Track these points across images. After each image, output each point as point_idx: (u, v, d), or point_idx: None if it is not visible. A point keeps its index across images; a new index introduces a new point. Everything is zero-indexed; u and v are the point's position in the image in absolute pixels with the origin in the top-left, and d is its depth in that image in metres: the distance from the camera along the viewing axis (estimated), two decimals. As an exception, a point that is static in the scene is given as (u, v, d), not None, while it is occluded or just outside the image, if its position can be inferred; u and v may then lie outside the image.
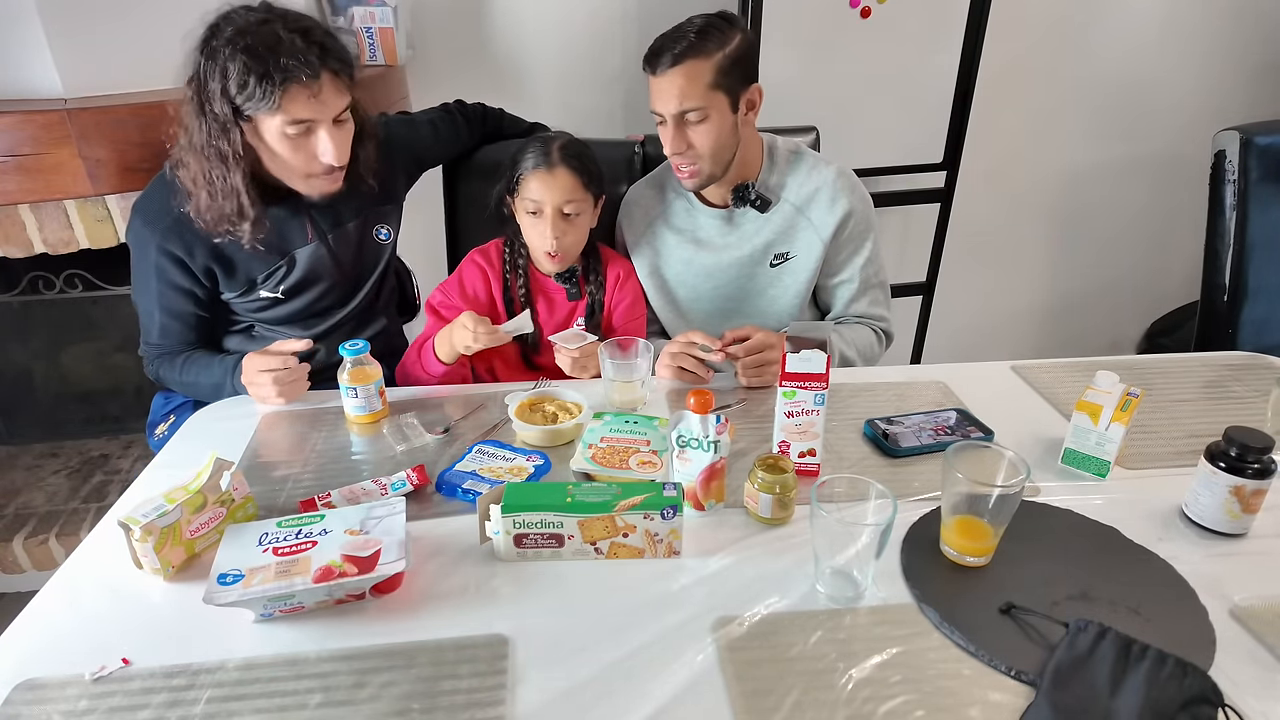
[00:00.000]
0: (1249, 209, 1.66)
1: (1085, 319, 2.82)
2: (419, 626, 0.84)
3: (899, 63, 2.04)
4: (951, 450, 0.90)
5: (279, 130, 1.17)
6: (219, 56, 1.13)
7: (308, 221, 1.34)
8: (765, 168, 1.44)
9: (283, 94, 1.13)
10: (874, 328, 1.50)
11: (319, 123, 1.19)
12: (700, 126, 1.30)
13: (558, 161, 1.33)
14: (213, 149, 1.18)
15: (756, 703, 0.74)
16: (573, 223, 1.36)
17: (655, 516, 0.91)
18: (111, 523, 0.98)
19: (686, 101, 1.28)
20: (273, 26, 1.14)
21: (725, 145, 1.34)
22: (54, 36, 1.62)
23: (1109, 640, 0.77)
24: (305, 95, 1.15)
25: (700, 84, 1.27)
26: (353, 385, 1.18)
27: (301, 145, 1.20)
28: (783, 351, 1.00)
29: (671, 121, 1.31)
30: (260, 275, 1.33)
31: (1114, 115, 2.46)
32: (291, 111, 1.16)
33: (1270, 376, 1.30)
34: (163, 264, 1.27)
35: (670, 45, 1.27)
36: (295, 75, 1.13)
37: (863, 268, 1.46)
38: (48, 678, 0.78)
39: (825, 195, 1.42)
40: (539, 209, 1.34)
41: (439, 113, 1.61)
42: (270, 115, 1.16)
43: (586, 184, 1.36)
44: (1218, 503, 0.94)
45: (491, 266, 1.46)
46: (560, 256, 1.37)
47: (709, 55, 1.27)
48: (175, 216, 1.25)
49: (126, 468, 2.15)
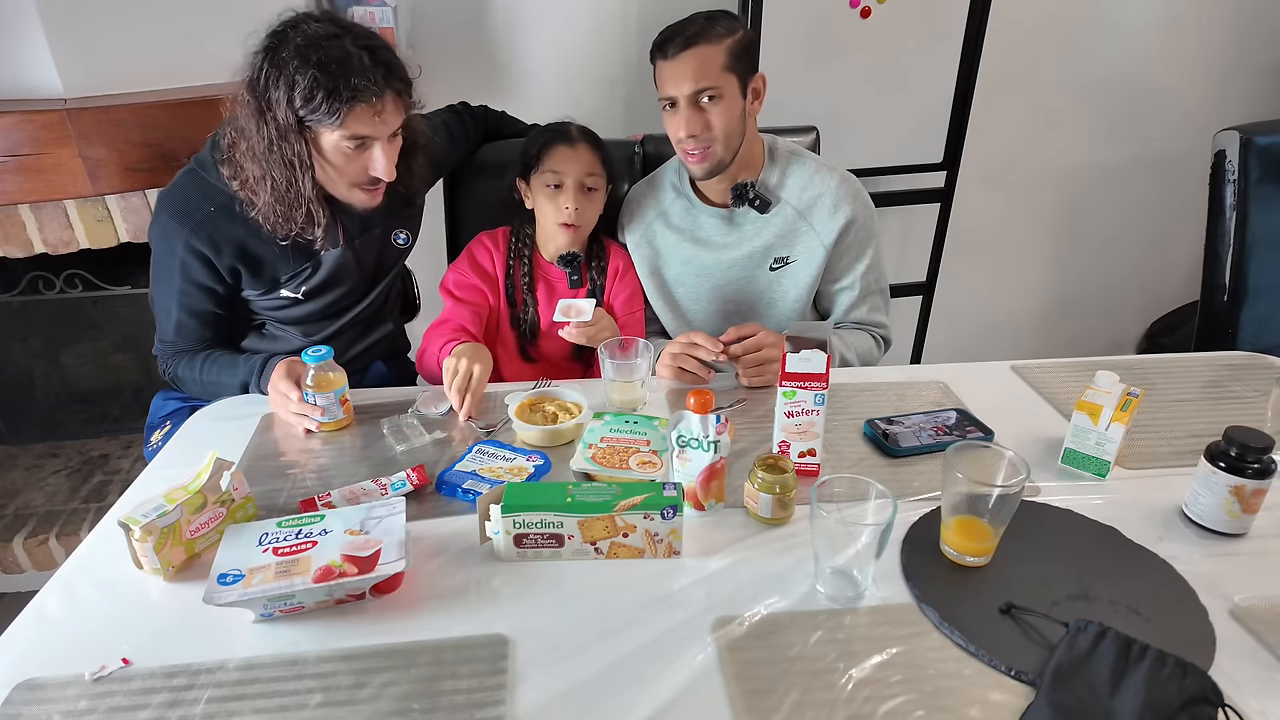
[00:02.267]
0: (1249, 209, 1.66)
1: (1085, 319, 2.82)
2: (419, 626, 0.84)
3: (899, 63, 2.04)
4: (951, 450, 0.90)
5: (336, 144, 1.19)
6: (287, 66, 1.13)
7: (338, 225, 1.34)
8: (766, 167, 1.44)
9: (348, 111, 1.15)
10: (873, 334, 1.50)
11: (375, 139, 1.21)
12: (715, 107, 1.32)
13: (578, 138, 1.41)
14: (278, 156, 1.18)
15: (756, 703, 0.74)
16: (590, 198, 1.41)
17: (655, 516, 0.91)
18: (111, 523, 0.98)
19: (703, 80, 1.29)
20: (342, 42, 1.14)
21: (735, 131, 1.35)
22: (54, 36, 1.62)
23: (1109, 640, 0.77)
24: (369, 114, 1.17)
25: (715, 64, 1.29)
26: (314, 392, 1.16)
27: (355, 158, 1.21)
28: (783, 351, 1.01)
29: (685, 102, 1.31)
30: (285, 276, 1.33)
31: (1114, 115, 2.46)
32: (353, 128, 1.17)
33: (1270, 376, 1.30)
34: (188, 261, 1.26)
35: (682, 29, 1.30)
36: (364, 95, 1.14)
37: (864, 274, 1.46)
38: (48, 678, 0.78)
39: (828, 201, 1.41)
40: (560, 180, 1.38)
41: (449, 115, 1.60)
42: (331, 130, 1.17)
43: (604, 161, 1.42)
44: (1218, 502, 0.94)
45: (497, 249, 1.49)
46: (576, 227, 1.41)
47: (720, 39, 1.29)
48: (205, 213, 1.25)
49: (126, 468, 2.15)
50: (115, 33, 1.67)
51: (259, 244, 1.28)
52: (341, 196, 1.27)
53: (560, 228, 1.40)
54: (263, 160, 1.18)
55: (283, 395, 1.18)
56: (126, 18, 1.67)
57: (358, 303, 1.44)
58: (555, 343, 1.50)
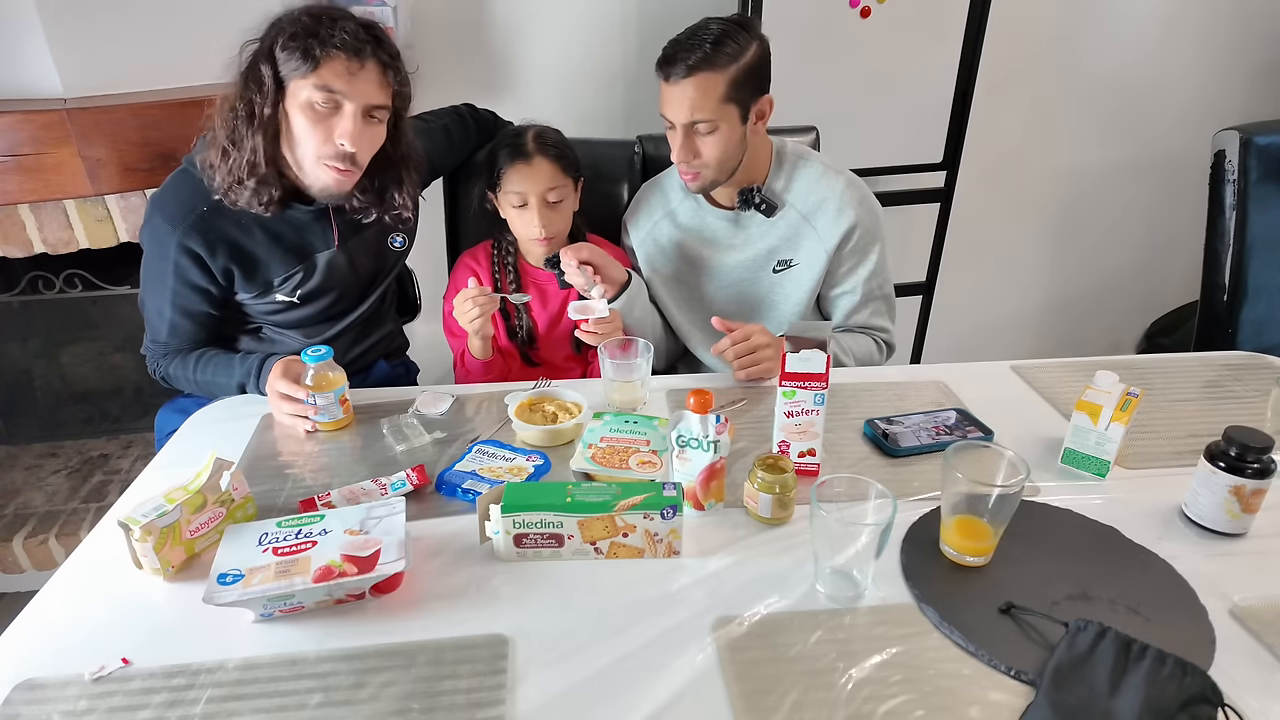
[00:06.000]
0: (1249, 209, 1.66)
1: (1085, 319, 2.82)
2: (419, 626, 0.84)
3: (899, 63, 2.04)
4: (951, 450, 0.90)
5: (307, 100, 1.16)
6: (276, 25, 1.16)
7: (331, 226, 1.33)
8: (772, 172, 1.44)
9: (324, 56, 1.14)
10: (875, 338, 1.49)
11: (348, 100, 1.17)
12: (709, 138, 1.31)
13: (534, 152, 1.37)
14: (243, 106, 1.18)
15: (756, 703, 0.74)
16: (558, 209, 1.40)
17: (655, 516, 0.91)
18: (111, 523, 0.98)
19: (698, 113, 1.28)
20: (334, 11, 1.17)
21: (731, 155, 1.34)
22: (54, 36, 1.62)
23: (1109, 640, 0.77)
24: (344, 68, 1.15)
25: (713, 97, 1.27)
26: (312, 391, 1.16)
27: (322, 121, 1.18)
28: (779, 345, 1.00)
29: (681, 130, 1.30)
30: (278, 279, 1.31)
31: (1114, 115, 2.46)
32: (325, 77, 1.15)
33: (1270, 376, 1.30)
34: (181, 261, 1.26)
35: (685, 54, 1.25)
36: (344, 47, 1.15)
37: (866, 280, 1.45)
38: (48, 678, 0.78)
39: (832, 206, 1.41)
40: (524, 200, 1.37)
41: (452, 117, 1.60)
42: (304, 78, 1.15)
43: (565, 169, 1.40)
44: (1217, 502, 0.94)
45: (480, 266, 1.49)
46: (550, 240, 1.40)
47: (723, 68, 1.26)
48: (199, 214, 1.24)
49: (126, 468, 2.15)
50: (115, 33, 1.67)
51: (253, 244, 1.28)
52: (308, 177, 1.23)
53: (533, 241, 1.41)
54: (230, 116, 1.19)
55: (280, 395, 1.18)
56: (126, 18, 1.67)
57: (355, 306, 1.44)
58: (555, 346, 1.50)
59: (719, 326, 1.29)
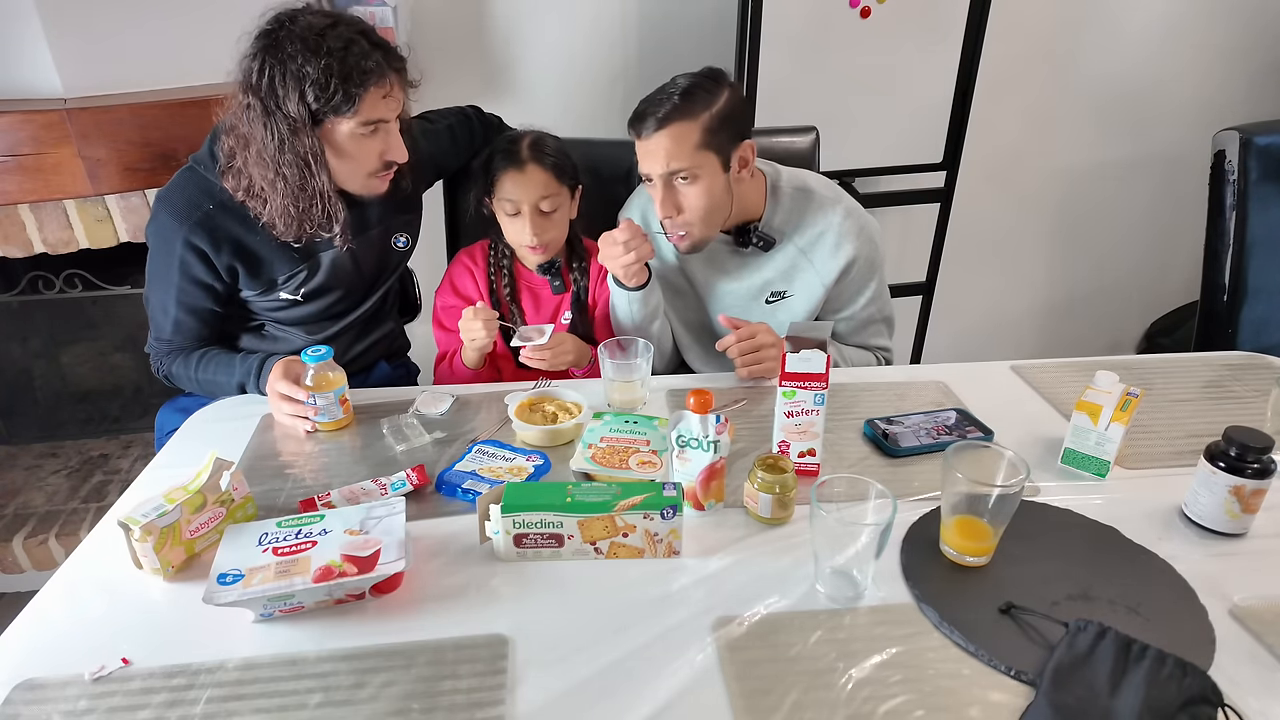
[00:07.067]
0: (1249, 209, 1.66)
1: (1085, 319, 2.82)
2: (419, 626, 0.84)
3: (899, 63, 2.04)
4: (951, 450, 0.90)
5: (351, 132, 1.19)
6: (292, 61, 1.13)
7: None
8: (769, 208, 1.39)
9: (362, 97, 1.16)
10: (875, 354, 1.49)
11: (387, 122, 1.21)
12: (691, 189, 1.27)
13: (529, 159, 1.35)
14: (290, 155, 1.17)
15: (756, 703, 0.74)
16: (551, 217, 1.38)
17: (655, 516, 0.91)
18: (111, 523, 0.98)
19: (674, 162, 1.24)
20: (340, 30, 1.15)
21: (718, 207, 1.30)
22: (54, 36, 1.62)
23: (1109, 640, 0.77)
24: (380, 96, 1.18)
25: (687, 144, 1.23)
26: (312, 391, 1.16)
27: (368, 145, 1.22)
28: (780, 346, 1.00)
29: (660, 182, 1.27)
30: (282, 276, 1.32)
31: (1114, 115, 2.46)
32: (367, 114, 1.18)
33: (1270, 376, 1.30)
34: (187, 258, 1.26)
35: (654, 109, 1.24)
36: (374, 78, 1.16)
37: (864, 306, 1.44)
38: (48, 678, 0.78)
39: (830, 239, 1.38)
40: (517, 208, 1.36)
41: (457, 117, 1.59)
42: (347, 119, 1.18)
43: (560, 177, 1.38)
44: (1217, 502, 0.94)
45: (477, 266, 1.49)
46: (543, 248, 1.39)
47: (695, 116, 1.23)
48: (204, 211, 1.25)
49: (126, 468, 2.15)
50: (115, 33, 1.67)
51: (257, 243, 1.28)
52: (356, 189, 1.27)
53: (527, 249, 1.40)
54: (273, 162, 1.18)
55: (280, 395, 1.18)
56: (126, 18, 1.67)
57: (358, 305, 1.44)
58: None
59: (726, 324, 1.29)
